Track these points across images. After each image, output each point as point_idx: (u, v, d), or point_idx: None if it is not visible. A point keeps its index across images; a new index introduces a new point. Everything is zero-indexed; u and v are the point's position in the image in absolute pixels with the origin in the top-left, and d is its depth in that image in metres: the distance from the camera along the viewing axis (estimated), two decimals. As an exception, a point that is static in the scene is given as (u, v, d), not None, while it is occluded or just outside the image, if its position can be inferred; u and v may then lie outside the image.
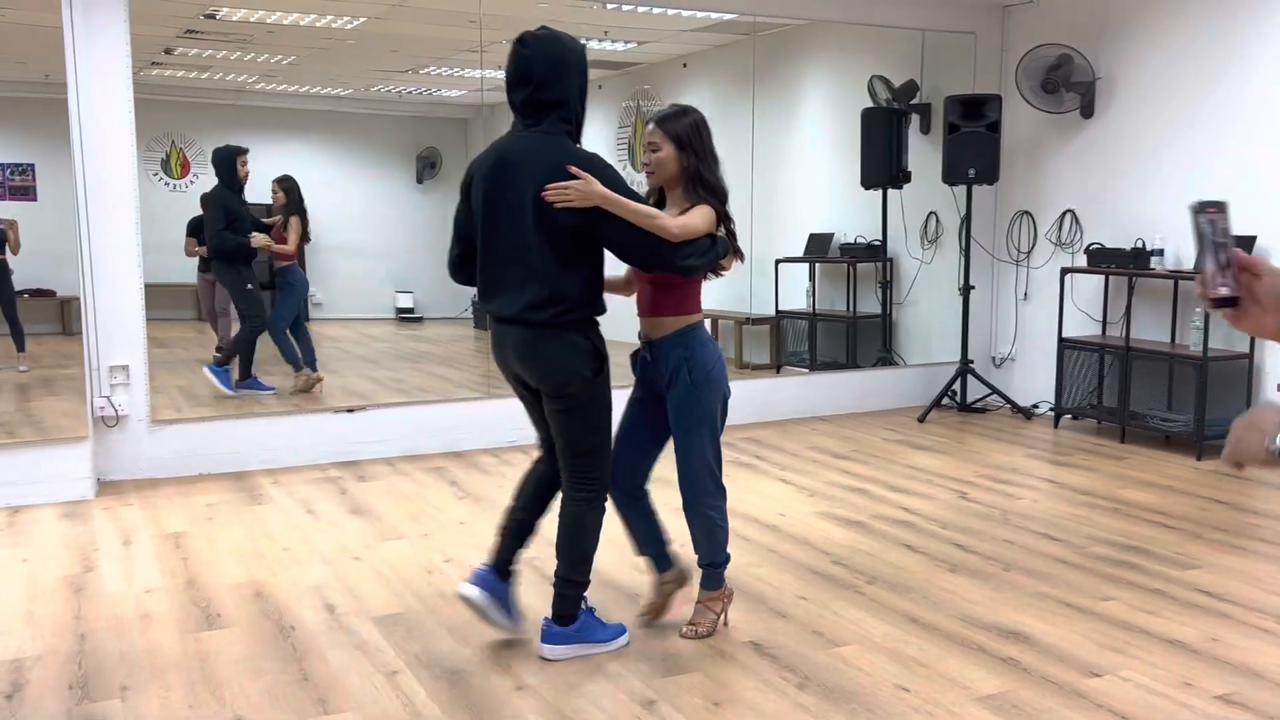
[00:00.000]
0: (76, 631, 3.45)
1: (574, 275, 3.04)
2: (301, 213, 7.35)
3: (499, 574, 3.33)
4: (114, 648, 3.32)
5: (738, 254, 3.29)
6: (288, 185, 7.38)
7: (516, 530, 3.35)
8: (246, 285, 6.97)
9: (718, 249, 3.16)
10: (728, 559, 3.44)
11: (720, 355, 3.30)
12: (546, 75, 3.02)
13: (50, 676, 3.11)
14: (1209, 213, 1.54)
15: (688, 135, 3.22)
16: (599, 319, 3.16)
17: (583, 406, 3.12)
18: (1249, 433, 1.48)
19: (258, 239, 7.02)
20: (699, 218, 3.10)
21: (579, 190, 2.93)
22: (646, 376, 3.33)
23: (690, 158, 3.19)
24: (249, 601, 3.72)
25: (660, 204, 3.29)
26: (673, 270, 3.10)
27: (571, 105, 3.07)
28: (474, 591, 3.27)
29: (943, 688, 3.02)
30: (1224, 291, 1.49)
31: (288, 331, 7.21)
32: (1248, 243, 5.78)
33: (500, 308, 3.10)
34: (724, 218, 3.20)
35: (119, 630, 3.46)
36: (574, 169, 2.96)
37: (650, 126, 3.26)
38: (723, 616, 3.46)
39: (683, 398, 3.22)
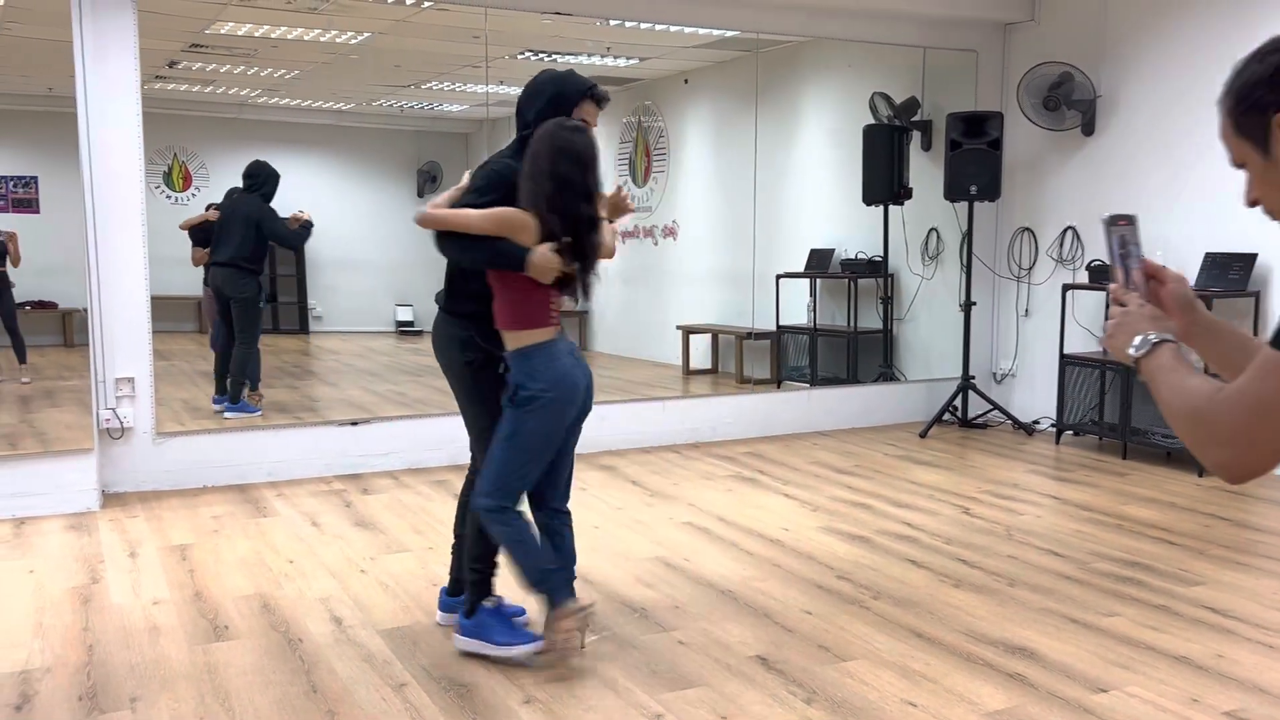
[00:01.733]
0: (85, 643, 3.45)
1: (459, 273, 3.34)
2: None
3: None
4: (123, 659, 3.32)
5: (569, 288, 3.21)
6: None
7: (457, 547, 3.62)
8: (260, 302, 6.95)
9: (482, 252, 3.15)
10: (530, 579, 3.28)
11: (566, 378, 3.19)
12: (520, 102, 3.39)
13: (60, 688, 3.12)
14: (1120, 225, 1.63)
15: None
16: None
17: (459, 392, 3.41)
18: (1120, 332, 1.55)
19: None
20: (480, 214, 3.14)
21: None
22: None
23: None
24: (256, 613, 3.72)
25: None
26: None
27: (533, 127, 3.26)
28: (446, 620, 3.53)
29: (950, 703, 3.03)
30: (1134, 299, 1.58)
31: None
32: (1248, 260, 5.83)
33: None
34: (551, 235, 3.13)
35: (127, 641, 3.46)
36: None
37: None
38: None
39: (508, 412, 3.20)
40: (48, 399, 6.84)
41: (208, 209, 7.51)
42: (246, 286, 6.88)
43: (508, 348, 3.21)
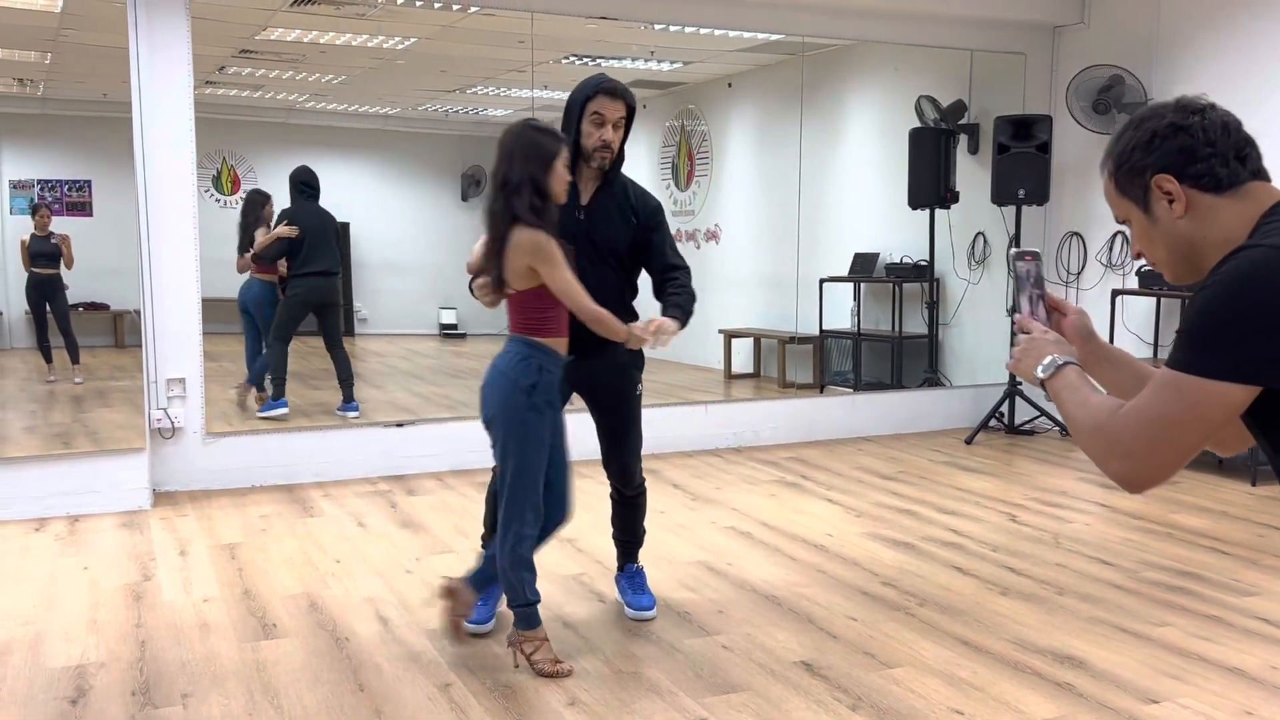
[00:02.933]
0: (138, 639, 3.51)
1: None
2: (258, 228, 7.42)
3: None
4: (174, 655, 3.37)
5: None
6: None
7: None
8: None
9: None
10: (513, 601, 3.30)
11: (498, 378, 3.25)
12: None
13: (114, 683, 3.17)
14: (1026, 260, 1.80)
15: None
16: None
17: (631, 417, 3.70)
18: (1027, 356, 1.68)
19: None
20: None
21: None
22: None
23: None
24: (304, 612, 3.77)
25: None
26: None
27: None
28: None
29: (997, 711, 3.00)
30: (1038, 326, 1.72)
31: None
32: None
33: None
34: None
35: (178, 638, 3.52)
36: None
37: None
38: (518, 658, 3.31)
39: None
40: (100, 399, 6.97)
41: (280, 223, 7.47)
42: (339, 293, 7.20)
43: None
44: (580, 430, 3.69)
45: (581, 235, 3.40)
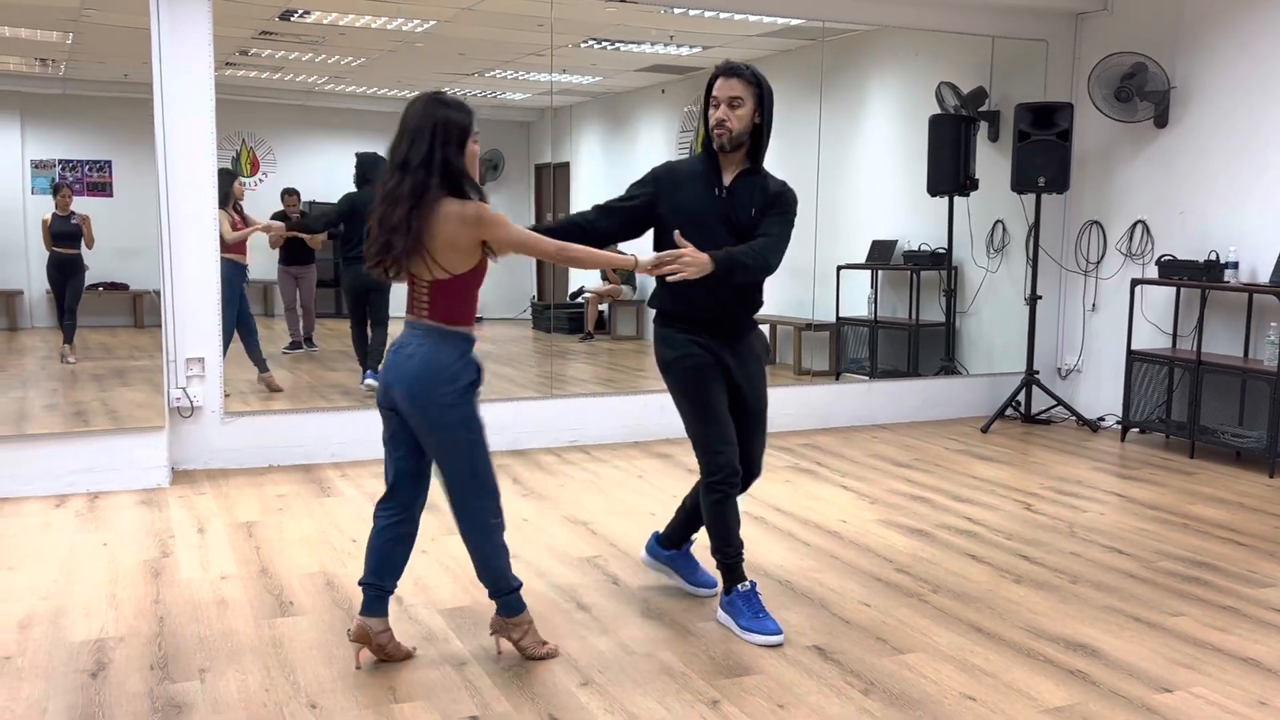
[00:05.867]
0: (156, 614, 3.55)
1: None
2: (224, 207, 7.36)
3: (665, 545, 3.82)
4: (192, 631, 3.41)
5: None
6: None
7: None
8: None
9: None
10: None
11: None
12: None
13: (133, 657, 3.21)
14: None
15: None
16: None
17: None
18: None
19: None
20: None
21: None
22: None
23: None
24: (320, 590, 3.80)
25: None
26: None
27: None
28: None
29: (1010, 698, 3.00)
30: None
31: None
32: (1326, 256, 5.67)
33: None
34: None
35: (196, 614, 3.55)
36: None
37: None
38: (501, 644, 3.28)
39: None
40: (119, 378, 7.02)
41: (342, 205, 7.46)
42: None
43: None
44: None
45: (720, 214, 3.41)
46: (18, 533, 4.46)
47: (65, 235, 7.23)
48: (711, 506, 3.43)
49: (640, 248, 3.42)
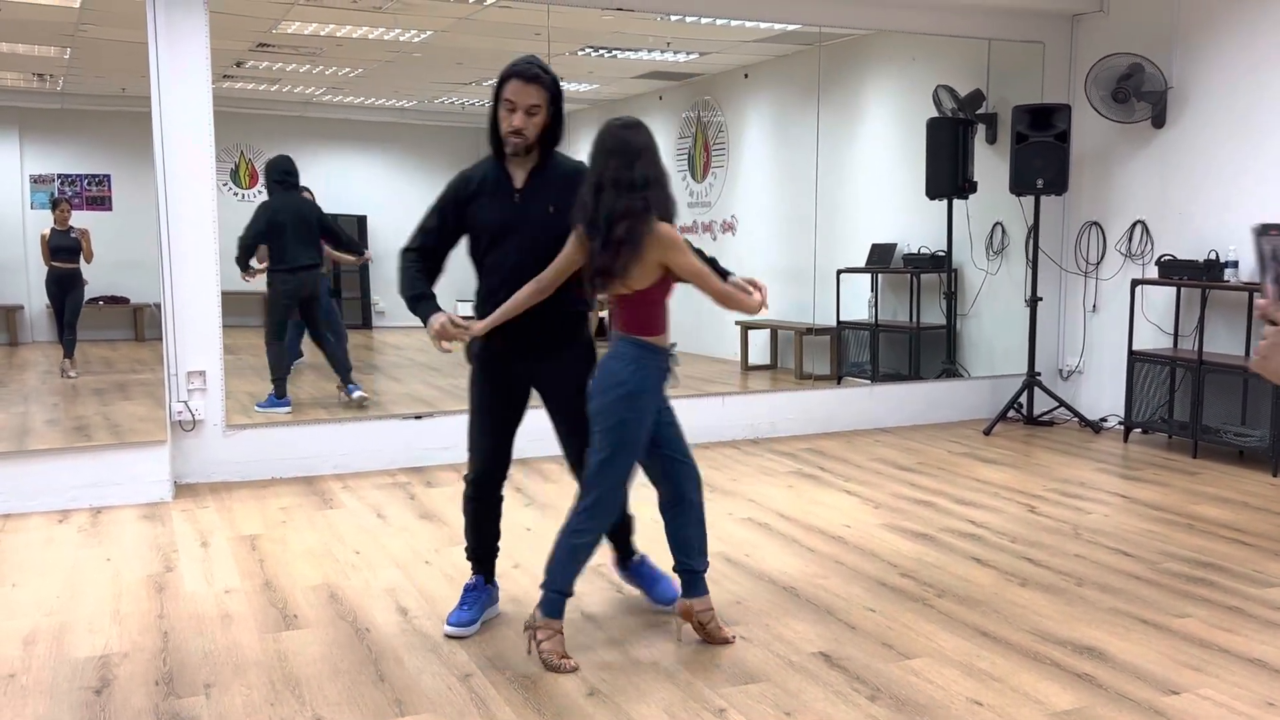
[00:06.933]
0: (160, 629, 3.54)
1: None
2: None
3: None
4: (196, 645, 3.40)
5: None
6: None
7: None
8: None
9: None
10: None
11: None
12: None
13: (137, 673, 3.20)
14: (1272, 234, 1.60)
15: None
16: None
17: None
18: (1275, 353, 1.57)
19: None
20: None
21: None
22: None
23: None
24: (324, 603, 3.79)
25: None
26: None
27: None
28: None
29: (1017, 702, 3.00)
30: None
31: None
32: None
33: None
34: None
35: (200, 629, 3.55)
36: None
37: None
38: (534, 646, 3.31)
39: None
40: (120, 392, 7.02)
41: (259, 215, 7.09)
42: (320, 285, 7.04)
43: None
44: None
45: (519, 219, 3.45)
46: (21, 548, 4.46)
47: (64, 250, 7.24)
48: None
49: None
